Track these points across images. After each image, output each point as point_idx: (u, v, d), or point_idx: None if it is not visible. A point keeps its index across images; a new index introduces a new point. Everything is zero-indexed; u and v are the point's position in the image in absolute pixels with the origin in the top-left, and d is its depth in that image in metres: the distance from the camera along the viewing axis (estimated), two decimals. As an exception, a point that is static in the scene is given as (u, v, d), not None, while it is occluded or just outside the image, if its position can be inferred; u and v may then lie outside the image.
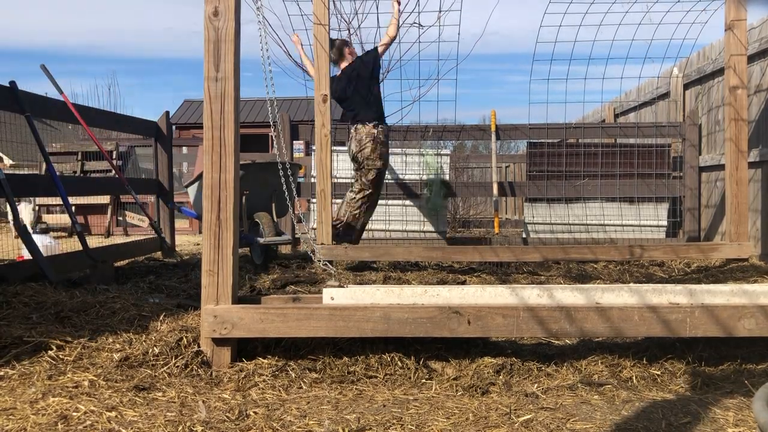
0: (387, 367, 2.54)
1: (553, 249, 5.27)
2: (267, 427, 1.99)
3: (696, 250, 5.32)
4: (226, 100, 2.59)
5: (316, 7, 5.34)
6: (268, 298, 2.98)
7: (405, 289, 2.77)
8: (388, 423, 2.04)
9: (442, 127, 6.83)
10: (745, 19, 5.21)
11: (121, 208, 10.01)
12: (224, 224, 2.59)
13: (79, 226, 4.52)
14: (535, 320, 2.50)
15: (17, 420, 2.00)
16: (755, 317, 2.46)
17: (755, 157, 5.58)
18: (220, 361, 2.55)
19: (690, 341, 2.66)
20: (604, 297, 2.72)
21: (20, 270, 4.16)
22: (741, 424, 2.05)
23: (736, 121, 5.24)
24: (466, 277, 4.97)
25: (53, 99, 5.07)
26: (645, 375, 2.50)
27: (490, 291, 2.76)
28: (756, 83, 5.71)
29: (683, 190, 6.65)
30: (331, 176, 5.59)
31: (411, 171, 6.78)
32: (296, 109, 16.95)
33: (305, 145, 8.91)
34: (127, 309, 3.15)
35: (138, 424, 1.98)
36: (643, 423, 2.05)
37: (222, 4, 2.58)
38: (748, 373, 2.51)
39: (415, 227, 6.81)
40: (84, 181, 7.44)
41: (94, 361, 2.53)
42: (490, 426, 2.02)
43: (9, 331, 2.71)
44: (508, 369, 2.53)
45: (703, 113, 6.81)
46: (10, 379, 2.37)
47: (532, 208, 6.96)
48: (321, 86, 5.41)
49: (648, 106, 8.52)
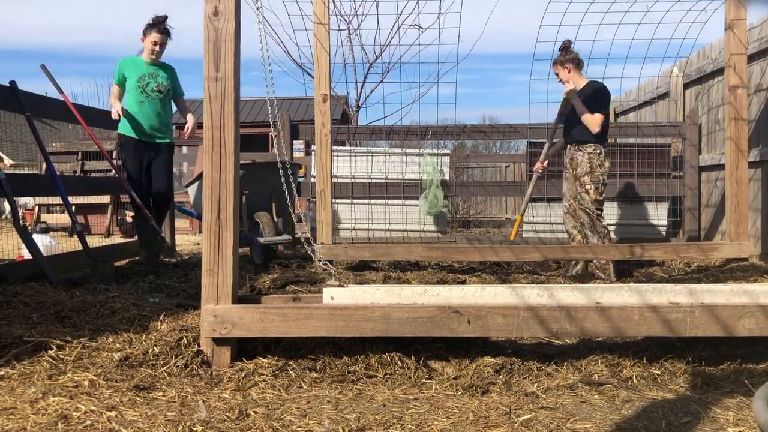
0: (387, 366, 2.54)
1: (553, 249, 5.26)
2: (267, 426, 1.99)
3: (696, 250, 5.32)
4: (226, 100, 2.59)
5: (316, 7, 5.34)
6: (268, 298, 2.98)
7: (405, 288, 2.77)
8: (388, 422, 2.04)
9: (443, 127, 6.82)
10: (745, 18, 5.21)
11: (121, 207, 10.01)
12: (224, 224, 2.59)
13: (79, 226, 4.52)
14: (535, 320, 2.50)
15: (17, 420, 2.00)
16: (755, 317, 2.46)
17: (755, 157, 5.58)
18: (220, 360, 2.55)
19: (690, 341, 2.66)
20: (604, 296, 2.72)
21: (20, 270, 4.16)
22: (741, 423, 2.05)
23: (736, 120, 5.24)
24: (466, 276, 4.97)
25: (53, 99, 5.07)
26: (645, 374, 2.50)
27: (490, 291, 2.76)
28: (756, 83, 5.71)
29: (683, 189, 6.65)
30: (331, 176, 5.59)
31: (411, 171, 6.78)
32: (296, 109, 16.95)
33: (305, 145, 8.92)
34: (127, 309, 3.15)
35: (138, 423, 1.98)
36: (643, 422, 2.05)
37: (222, 4, 2.58)
38: (748, 373, 2.51)
39: (415, 227, 6.81)
40: (84, 180, 7.44)
41: (94, 360, 2.53)
42: (490, 425, 2.02)
43: (9, 331, 2.70)
44: (508, 368, 2.53)
45: (703, 113, 6.81)
46: (10, 378, 2.37)
47: (532, 208, 6.96)
48: (321, 86, 5.41)
49: (648, 106, 8.52)
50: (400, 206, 6.75)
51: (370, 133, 6.96)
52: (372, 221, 6.76)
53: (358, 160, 6.82)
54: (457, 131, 6.89)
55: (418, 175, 6.71)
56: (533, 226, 6.91)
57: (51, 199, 9.51)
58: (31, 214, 10.02)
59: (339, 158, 6.74)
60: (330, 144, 5.50)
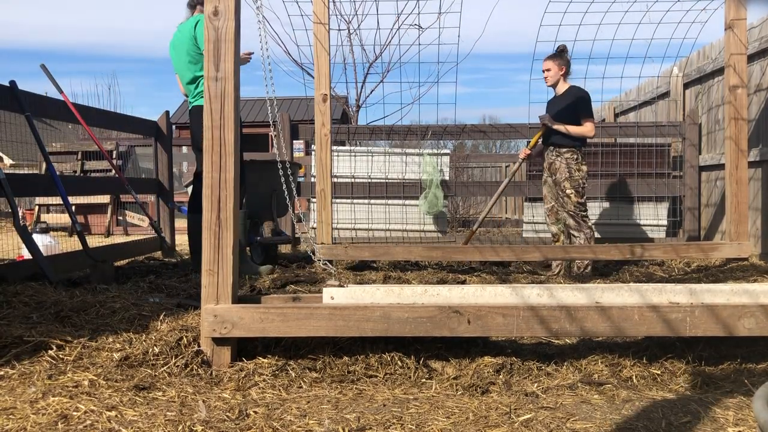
0: (387, 366, 2.54)
1: (553, 249, 5.26)
2: (267, 426, 1.99)
3: (696, 250, 5.32)
4: (226, 99, 2.59)
5: (316, 7, 5.35)
6: (268, 298, 2.98)
7: (405, 288, 2.77)
8: (388, 422, 2.04)
9: (443, 127, 6.82)
10: (745, 18, 5.21)
11: (121, 207, 10.01)
12: (224, 224, 2.59)
13: (79, 226, 4.52)
14: (535, 319, 2.50)
15: (17, 419, 2.00)
16: (755, 316, 2.46)
17: (755, 157, 5.58)
18: (220, 360, 2.55)
19: (690, 340, 2.66)
20: (604, 296, 2.72)
21: (20, 270, 4.16)
22: (741, 423, 2.05)
23: (736, 120, 5.24)
24: (466, 276, 4.97)
25: (53, 99, 5.07)
26: (645, 374, 2.50)
27: (490, 290, 2.76)
28: (756, 82, 5.71)
29: (683, 189, 6.65)
30: (331, 176, 5.58)
31: (411, 171, 6.78)
32: (296, 109, 16.96)
33: (305, 144, 8.93)
34: (127, 308, 3.15)
35: (138, 423, 1.98)
36: (643, 422, 2.05)
37: (222, 4, 2.58)
38: (748, 373, 2.51)
39: (415, 227, 6.81)
40: (84, 180, 7.44)
41: (94, 360, 2.53)
42: (490, 425, 2.02)
43: (9, 331, 2.70)
44: (508, 368, 2.53)
45: (703, 112, 6.81)
46: (10, 378, 2.37)
47: (532, 207, 6.96)
48: (321, 86, 5.41)
49: (648, 106, 8.52)
50: (400, 206, 6.75)
51: (370, 133, 6.96)
52: (372, 221, 6.77)
53: (358, 160, 6.83)
54: (457, 131, 6.88)
55: (418, 175, 6.71)
56: (533, 226, 6.91)
57: (51, 199, 9.51)
58: (31, 214, 10.02)
59: (339, 158, 6.74)
60: (330, 144, 5.50)
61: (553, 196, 5.29)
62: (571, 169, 5.14)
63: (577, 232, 5.20)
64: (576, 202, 5.16)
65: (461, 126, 6.81)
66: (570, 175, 5.14)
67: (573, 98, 5.18)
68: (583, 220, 5.21)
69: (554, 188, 5.27)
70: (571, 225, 5.22)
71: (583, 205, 5.23)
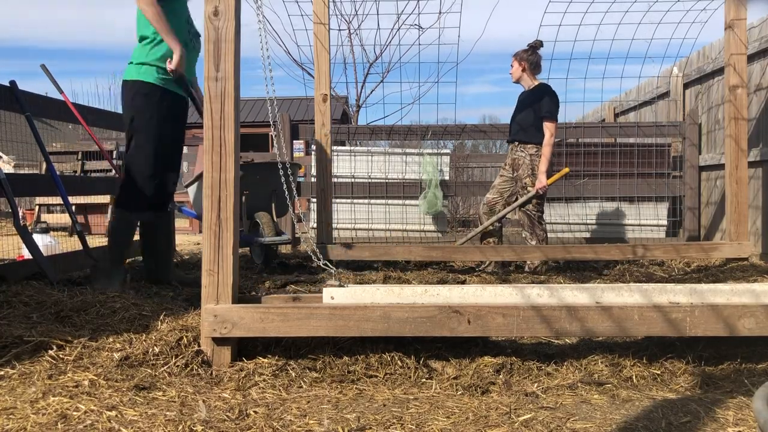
0: (387, 366, 2.54)
1: (554, 248, 5.27)
2: (267, 426, 1.99)
3: (696, 250, 5.33)
4: (226, 99, 2.59)
5: (316, 7, 5.35)
6: (268, 298, 2.98)
7: (405, 288, 2.77)
8: (388, 422, 2.04)
9: (443, 127, 6.82)
10: (745, 18, 5.21)
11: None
12: (224, 224, 2.59)
13: (79, 226, 4.51)
14: (535, 319, 2.50)
15: (17, 419, 2.00)
16: (755, 316, 2.46)
17: (755, 156, 5.58)
18: (220, 360, 2.55)
19: (690, 340, 2.66)
20: (605, 296, 2.72)
21: (20, 270, 4.15)
22: (741, 423, 2.05)
23: (736, 120, 5.24)
24: (466, 276, 4.97)
25: (53, 99, 5.06)
26: (645, 374, 2.50)
27: (490, 290, 2.76)
28: (756, 82, 5.71)
29: (683, 189, 6.65)
30: (331, 176, 5.58)
31: (411, 171, 6.78)
32: (296, 109, 16.95)
33: (305, 144, 8.92)
34: (127, 308, 3.15)
35: (138, 423, 1.98)
36: (643, 422, 2.05)
37: (222, 4, 2.58)
38: (749, 373, 2.51)
39: (414, 227, 6.81)
40: (84, 180, 7.44)
41: (95, 360, 2.53)
42: (490, 425, 2.02)
43: (9, 331, 2.70)
44: (508, 368, 2.53)
45: (703, 112, 6.81)
46: (10, 378, 2.37)
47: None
48: (321, 86, 5.41)
49: (648, 106, 8.52)
50: (399, 206, 6.75)
51: (370, 133, 6.96)
52: (372, 221, 6.77)
53: (358, 160, 6.83)
54: (457, 131, 6.88)
55: (418, 175, 6.71)
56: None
57: (51, 199, 9.51)
58: (31, 214, 10.02)
59: (339, 158, 6.73)
60: (330, 144, 5.50)
61: (504, 191, 5.26)
62: (535, 167, 5.11)
63: (530, 232, 5.18)
64: (535, 202, 5.14)
65: (461, 126, 6.81)
66: (533, 172, 5.11)
67: (538, 97, 5.17)
68: (538, 222, 5.20)
69: (510, 184, 5.24)
70: (525, 224, 5.19)
71: (540, 205, 5.20)
